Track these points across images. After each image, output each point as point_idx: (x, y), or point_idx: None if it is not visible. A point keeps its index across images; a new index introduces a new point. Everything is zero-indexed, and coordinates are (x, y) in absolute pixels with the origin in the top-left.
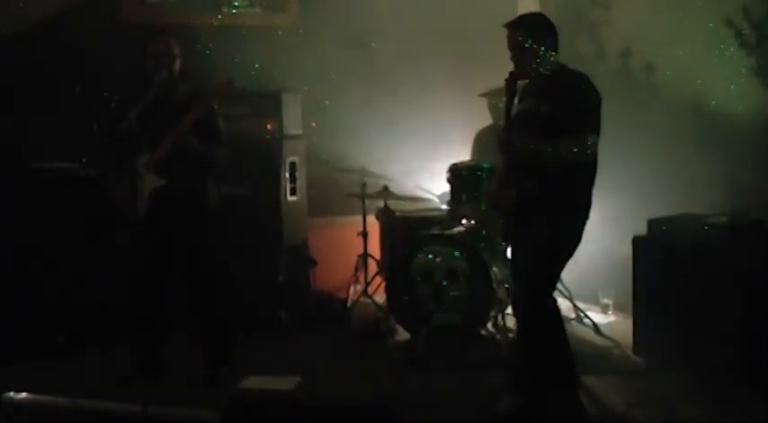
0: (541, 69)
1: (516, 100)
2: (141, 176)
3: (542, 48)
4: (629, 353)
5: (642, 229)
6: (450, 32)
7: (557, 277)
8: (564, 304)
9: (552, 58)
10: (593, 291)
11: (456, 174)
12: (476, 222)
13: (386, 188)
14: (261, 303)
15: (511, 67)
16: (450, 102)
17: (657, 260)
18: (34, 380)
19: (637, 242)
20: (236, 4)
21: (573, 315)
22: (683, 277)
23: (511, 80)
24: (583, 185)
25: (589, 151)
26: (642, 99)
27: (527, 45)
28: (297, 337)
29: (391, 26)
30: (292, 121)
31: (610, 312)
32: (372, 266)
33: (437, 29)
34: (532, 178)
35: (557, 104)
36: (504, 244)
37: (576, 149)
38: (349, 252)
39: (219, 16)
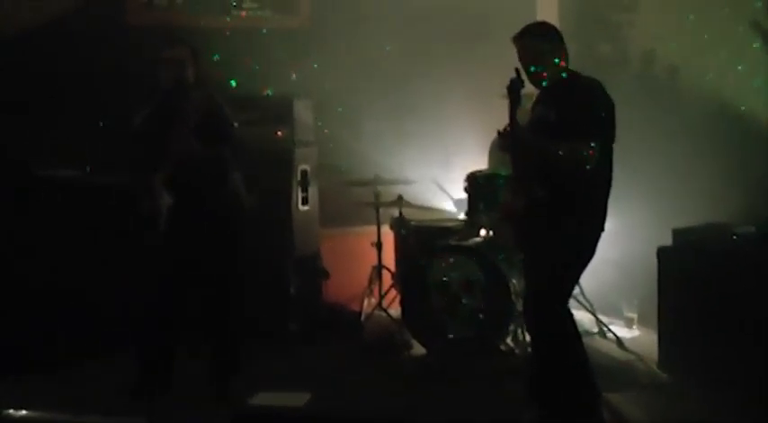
0: (554, 77)
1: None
2: (160, 193)
3: (552, 56)
4: (654, 368)
5: (664, 239)
6: (467, 36)
7: (570, 289)
8: (586, 317)
9: (562, 65)
10: (615, 304)
11: (473, 183)
12: (494, 233)
13: (401, 197)
14: (271, 315)
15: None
16: (468, 107)
17: (684, 272)
18: (34, 394)
19: (662, 253)
20: (246, 6)
21: (596, 329)
22: (712, 289)
23: (513, 87)
24: (594, 195)
25: (589, 160)
26: (665, 104)
27: (538, 55)
28: (309, 351)
29: (406, 29)
30: (304, 128)
31: (634, 326)
32: (387, 278)
33: (453, 32)
34: (541, 187)
35: (565, 112)
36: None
37: (578, 156)
38: (363, 263)
39: (228, 19)
